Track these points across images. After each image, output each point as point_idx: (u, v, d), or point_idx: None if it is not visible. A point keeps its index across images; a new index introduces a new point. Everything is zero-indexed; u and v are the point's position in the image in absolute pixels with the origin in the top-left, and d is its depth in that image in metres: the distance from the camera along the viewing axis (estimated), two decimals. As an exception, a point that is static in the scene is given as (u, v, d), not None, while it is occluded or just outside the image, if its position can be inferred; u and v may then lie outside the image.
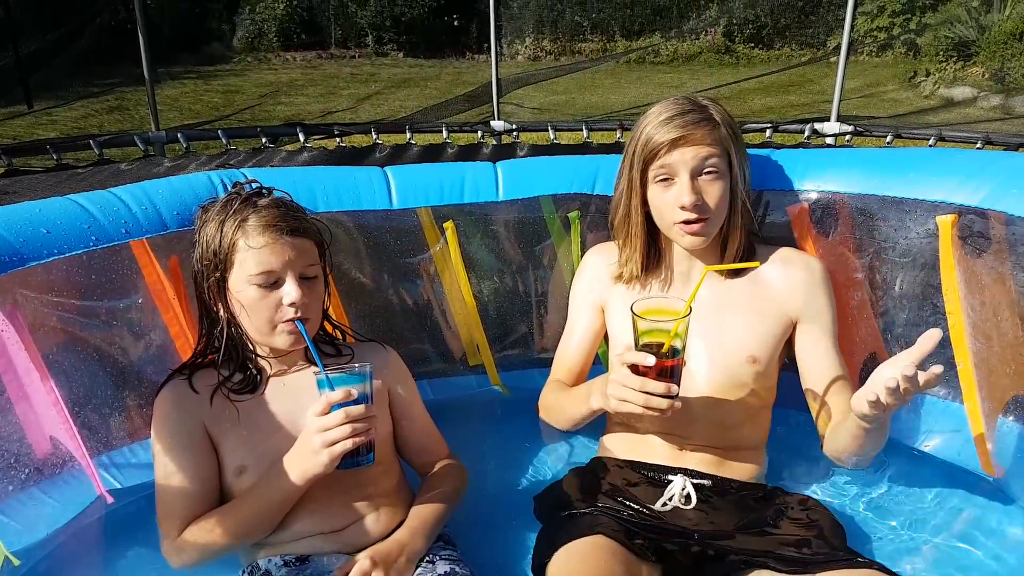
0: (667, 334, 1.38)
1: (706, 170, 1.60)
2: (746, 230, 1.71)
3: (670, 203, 1.62)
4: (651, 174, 1.64)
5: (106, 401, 1.77)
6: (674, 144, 1.58)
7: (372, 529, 1.50)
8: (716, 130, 1.60)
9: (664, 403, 1.39)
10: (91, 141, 5.43)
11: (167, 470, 1.45)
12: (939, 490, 1.84)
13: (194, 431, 1.47)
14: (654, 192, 1.66)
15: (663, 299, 1.45)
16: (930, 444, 1.94)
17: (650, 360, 1.37)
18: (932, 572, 1.59)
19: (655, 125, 1.61)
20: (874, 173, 1.90)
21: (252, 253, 1.41)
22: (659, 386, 1.38)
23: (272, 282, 1.42)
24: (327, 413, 1.32)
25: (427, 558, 1.47)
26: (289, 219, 1.45)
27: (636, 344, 1.43)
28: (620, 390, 1.42)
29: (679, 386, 1.41)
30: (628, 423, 1.76)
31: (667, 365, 1.40)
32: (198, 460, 1.46)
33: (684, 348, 1.42)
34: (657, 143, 1.59)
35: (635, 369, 1.41)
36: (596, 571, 1.37)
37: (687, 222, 1.61)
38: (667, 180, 1.62)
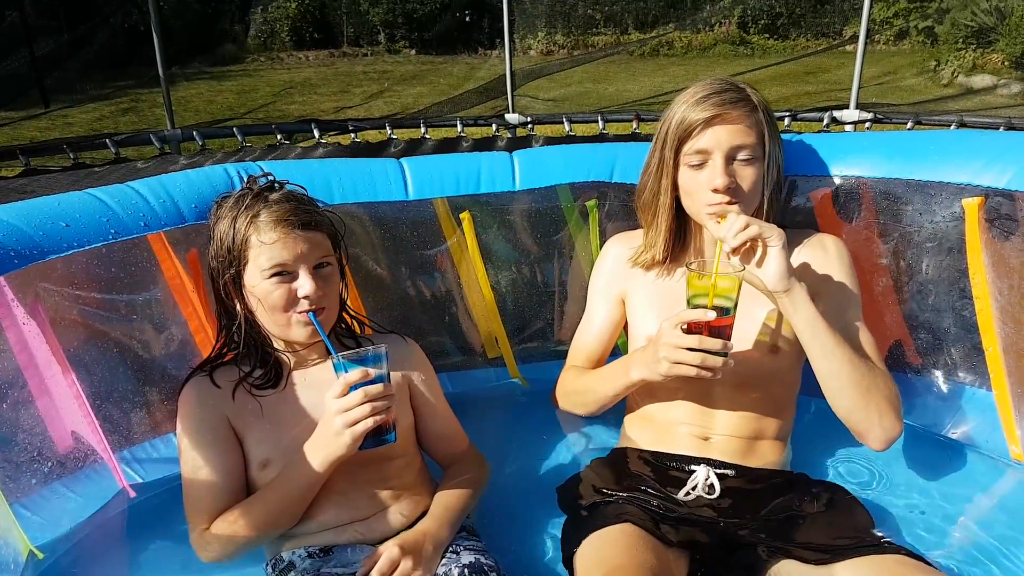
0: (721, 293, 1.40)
1: (741, 154, 1.56)
2: (776, 218, 1.66)
3: (702, 185, 1.57)
4: (684, 155, 1.60)
5: (127, 396, 1.77)
6: (709, 123, 1.54)
7: (395, 520, 1.50)
8: (753, 113, 1.56)
9: (719, 361, 1.40)
10: (107, 140, 5.47)
11: (194, 464, 1.45)
12: (967, 477, 1.81)
13: (219, 425, 1.47)
14: (686, 174, 1.61)
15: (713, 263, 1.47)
16: (958, 431, 1.91)
17: (711, 315, 1.38)
18: (960, 558, 1.56)
19: (690, 104, 1.57)
20: (897, 157, 1.86)
21: (264, 248, 1.40)
22: (716, 342, 1.39)
23: (286, 275, 1.42)
24: (346, 395, 1.32)
25: (451, 548, 1.47)
26: (300, 213, 1.45)
27: (688, 305, 1.44)
28: (674, 352, 1.41)
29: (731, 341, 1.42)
30: (651, 416, 1.74)
31: (722, 324, 1.41)
32: (224, 454, 1.46)
33: (735, 308, 1.43)
34: (692, 121, 1.55)
35: (687, 331, 1.42)
36: (625, 558, 1.35)
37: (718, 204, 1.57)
38: (700, 163, 1.58)
